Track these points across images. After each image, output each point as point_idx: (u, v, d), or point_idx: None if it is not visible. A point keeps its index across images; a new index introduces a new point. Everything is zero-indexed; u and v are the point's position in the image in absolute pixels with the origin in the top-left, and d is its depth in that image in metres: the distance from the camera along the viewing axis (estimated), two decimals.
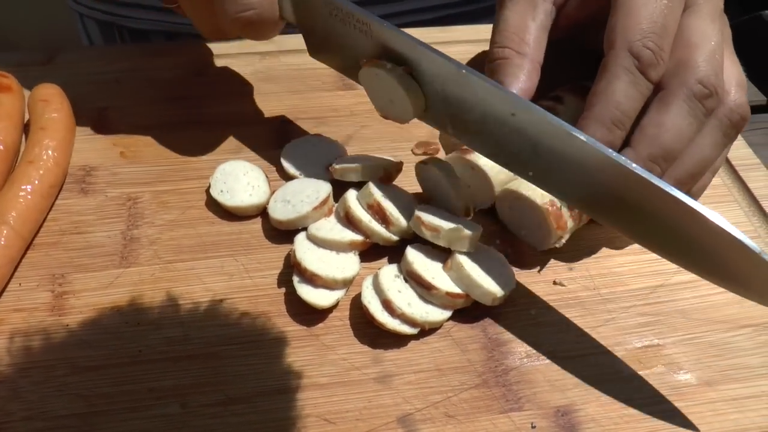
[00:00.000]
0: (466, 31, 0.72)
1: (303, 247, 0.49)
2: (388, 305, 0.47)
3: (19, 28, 1.44)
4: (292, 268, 0.49)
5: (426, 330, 0.48)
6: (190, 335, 0.47)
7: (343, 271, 0.48)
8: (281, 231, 0.53)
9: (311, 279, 0.48)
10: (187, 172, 0.57)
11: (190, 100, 0.63)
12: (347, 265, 0.49)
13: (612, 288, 0.52)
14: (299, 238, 0.50)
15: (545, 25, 0.49)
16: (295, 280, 0.48)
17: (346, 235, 0.50)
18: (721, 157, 0.49)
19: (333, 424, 0.43)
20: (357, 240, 0.50)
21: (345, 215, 0.51)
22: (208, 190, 0.55)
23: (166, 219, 0.54)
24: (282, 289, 0.50)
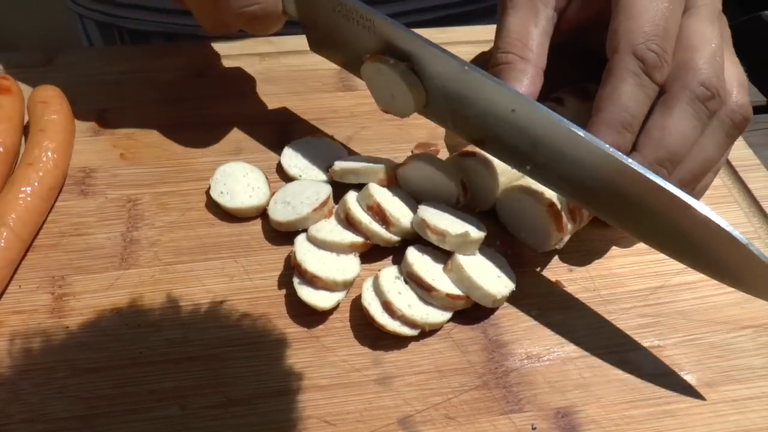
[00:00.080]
0: (466, 33, 0.72)
1: (303, 249, 0.49)
2: (388, 307, 0.47)
3: (19, 29, 1.43)
4: (292, 269, 0.49)
5: (426, 331, 0.48)
6: (191, 337, 0.47)
7: (344, 272, 0.48)
8: (281, 232, 0.53)
9: (311, 280, 0.48)
10: (187, 173, 0.57)
11: (189, 102, 0.63)
12: (347, 266, 0.49)
13: (612, 289, 0.52)
14: (299, 240, 0.50)
15: (547, 31, 0.49)
16: (296, 281, 0.48)
17: (347, 237, 0.50)
18: (723, 157, 0.49)
19: (333, 425, 0.43)
20: (357, 241, 0.50)
21: (345, 217, 0.51)
22: (208, 191, 0.55)
23: (166, 220, 0.54)
24: (282, 291, 0.50)
